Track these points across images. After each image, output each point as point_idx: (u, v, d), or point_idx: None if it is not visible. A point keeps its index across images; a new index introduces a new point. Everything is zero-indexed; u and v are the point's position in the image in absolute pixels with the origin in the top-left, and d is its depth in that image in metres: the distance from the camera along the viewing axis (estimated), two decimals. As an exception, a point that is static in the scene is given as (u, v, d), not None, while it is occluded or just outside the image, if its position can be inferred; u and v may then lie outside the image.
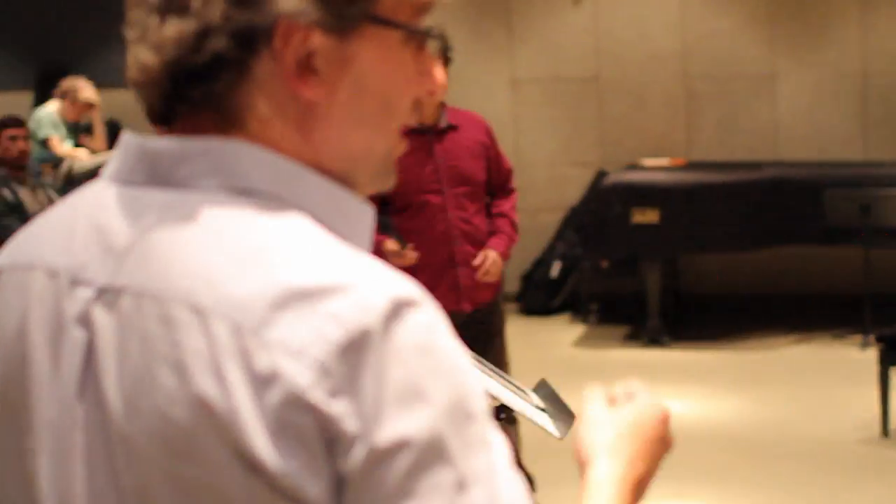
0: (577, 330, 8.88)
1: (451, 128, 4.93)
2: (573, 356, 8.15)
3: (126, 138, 1.07)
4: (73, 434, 1.00)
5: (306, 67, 1.03)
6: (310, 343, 0.91)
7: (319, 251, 0.97)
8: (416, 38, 1.08)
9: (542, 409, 3.48)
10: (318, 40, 1.03)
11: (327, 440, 0.91)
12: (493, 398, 3.28)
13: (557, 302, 9.47)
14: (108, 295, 0.99)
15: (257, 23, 1.01)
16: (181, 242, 0.98)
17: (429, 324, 0.95)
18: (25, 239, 1.10)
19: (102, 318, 0.99)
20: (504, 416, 3.48)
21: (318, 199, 1.04)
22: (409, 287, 0.96)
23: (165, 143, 1.04)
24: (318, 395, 0.91)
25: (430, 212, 4.87)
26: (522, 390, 3.20)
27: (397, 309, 0.93)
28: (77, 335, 1.00)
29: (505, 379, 3.16)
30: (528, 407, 3.47)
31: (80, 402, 1.00)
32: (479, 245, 4.93)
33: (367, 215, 1.08)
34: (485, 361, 3.02)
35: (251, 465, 0.91)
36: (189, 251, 0.98)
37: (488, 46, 10.03)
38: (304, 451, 0.91)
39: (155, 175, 1.03)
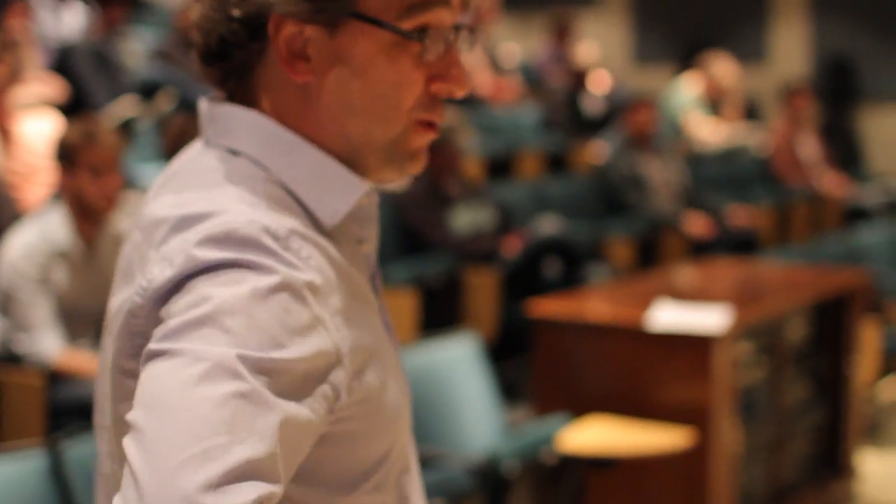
0: None
1: None
2: None
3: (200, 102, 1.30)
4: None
5: (300, 55, 1.21)
6: (173, 255, 1.14)
7: (221, 193, 1.18)
8: (412, 38, 1.21)
9: None
10: (310, 31, 1.20)
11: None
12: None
13: None
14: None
15: (257, 14, 1.20)
16: (170, 185, 1.25)
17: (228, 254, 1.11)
18: None
19: None
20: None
21: (297, 166, 1.23)
22: (247, 222, 1.13)
23: (204, 106, 1.28)
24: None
25: None
26: None
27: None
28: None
29: None
30: None
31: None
32: None
33: (353, 190, 1.24)
34: None
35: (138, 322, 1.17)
36: (168, 190, 1.24)
37: None
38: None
39: (203, 131, 1.28)
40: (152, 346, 1.08)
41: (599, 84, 9.55)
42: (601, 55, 11.24)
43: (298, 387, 1.09)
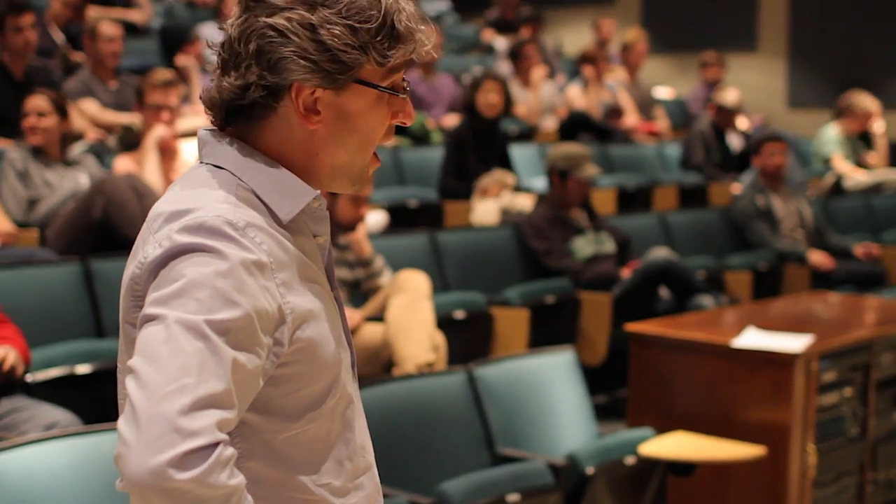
0: None
1: None
2: None
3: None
4: None
5: (312, 110, 1.65)
6: (161, 239, 1.56)
7: (203, 195, 1.60)
8: (390, 93, 1.68)
9: None
10: (321, 93, 1.64)
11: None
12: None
13: None
14: None
15: (280, 83, 1.62)
16: (172, 190, 1.68)
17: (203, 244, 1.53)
18: None
19: None
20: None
21: (262, 178, 1.65)
22: (221, 219, 1.55)
23: (201, 134, 1.71)
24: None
25: None
26: None
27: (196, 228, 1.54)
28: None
29: None
30: None
31: None
32: None
33: (304, 195, 1.66)
34: None
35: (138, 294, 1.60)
36: (170, 192, 1.66)
37: None
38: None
39: (199, 153, 1.72)
40: (146, 310, 1.52)
41: (743, 125, 9.78)
42: (755, 99, 11.42)
43: (248, 341, 1.52)
